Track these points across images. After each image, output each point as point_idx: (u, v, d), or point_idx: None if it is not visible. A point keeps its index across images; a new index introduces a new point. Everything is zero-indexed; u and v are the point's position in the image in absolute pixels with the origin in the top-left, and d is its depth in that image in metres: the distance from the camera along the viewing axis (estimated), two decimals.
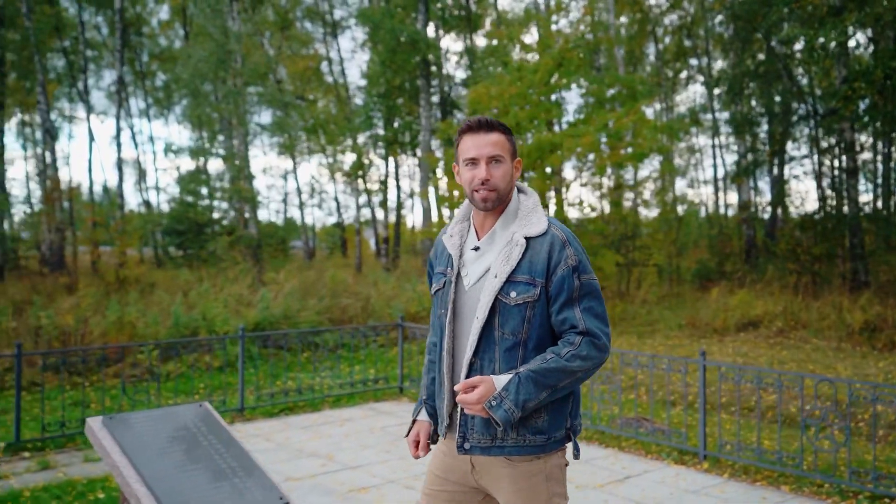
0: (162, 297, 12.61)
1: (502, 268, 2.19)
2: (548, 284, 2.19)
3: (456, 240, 2.34)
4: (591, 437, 6.67)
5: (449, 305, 2.28)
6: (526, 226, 2.25)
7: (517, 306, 2.17)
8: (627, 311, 13.37)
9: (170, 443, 3.66)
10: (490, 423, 2.17)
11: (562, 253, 2.19)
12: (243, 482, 3.54)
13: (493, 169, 2.21)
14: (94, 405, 7.99)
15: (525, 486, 2.20)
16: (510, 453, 2.18)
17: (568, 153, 12.93)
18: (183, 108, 35.39)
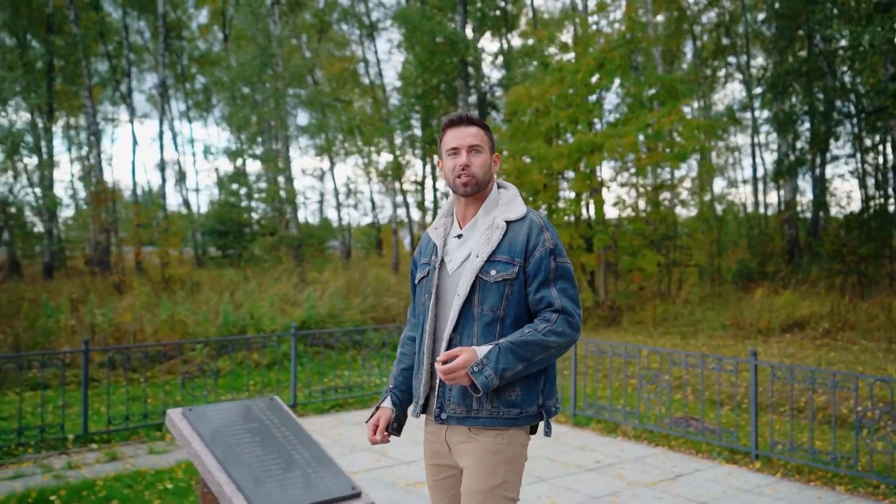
0: (209, 296, 12.92)
1: (483, 248, 2.34)
2: (525, 265, 2.33)
3: (440, 231, 2.51)
4: (640, 436, 6.71)
5: (433, 290, 2.41)
6: (506, 211, 2.41)
7: (496, 283, 2.31)
8: (669, 312, 13.31)
9: (246, 434, 3.82)
10: (467, 394, 2.31)
11: (539, 236, 2.35)
12: (316, 472, 3.68)
13: (472, 157, 2.39)
14: (150, 400, 8.24)
15: (484, 462, 2.31)
16: (484, 424, 2.30)
17: (609, 153, 12.93)
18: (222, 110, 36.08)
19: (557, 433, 6.94)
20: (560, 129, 13.70)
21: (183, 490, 5.21)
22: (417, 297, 2.53)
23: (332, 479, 3.67)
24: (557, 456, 6.19)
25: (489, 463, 2.31)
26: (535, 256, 2.33)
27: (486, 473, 2.31)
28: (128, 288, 14.59)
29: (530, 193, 14.23)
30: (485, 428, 2.32)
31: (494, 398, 2.29)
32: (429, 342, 2.42)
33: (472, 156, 2.39)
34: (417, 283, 2.53)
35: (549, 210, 14.58)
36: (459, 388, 2.32)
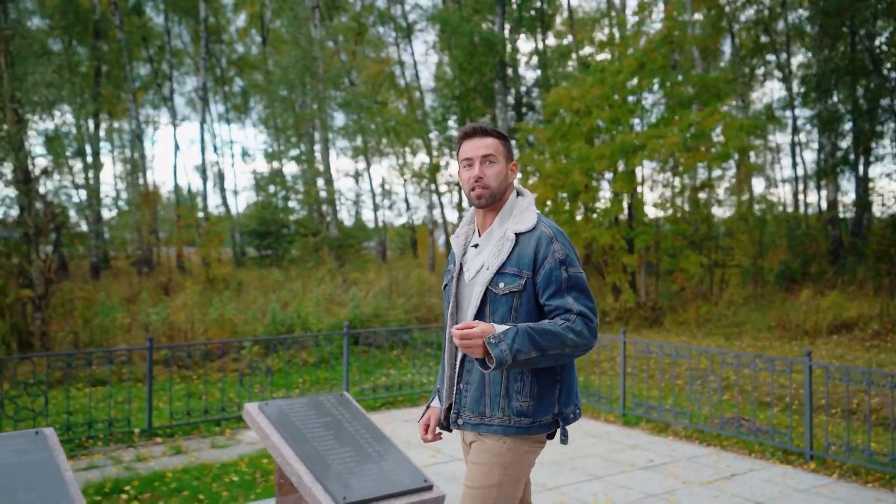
0: (254, 296, 13.19)
1: (493, 261, 2.37)
2: (535, 277, 2.35)
3: (461, 239, 2.55)
4: (691, 436, 6.74)
5: (452, 298, 2.48)
6: (518, 223, 2.41)
7: (504, 296, 2.34)
8: (712, 313, 13.24)
9: (320, 427, 3.98)
10: (480, 401, 2.36)
11: (549, 247, 2.35)
12: (389, 465, 3.82)
13: (486, 168, 2.41)
14: (204, 397, 8.47)
15: (482, 462, 2.37)
16: (495, 431, 2.35)
17: (652, 154, 12.90)
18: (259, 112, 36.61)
19: (608, 432, 7.01)
20: (601, 129, 13.70)
21: (248, 483, 5.39)
22: (444, 301, 2.60)
23: (405, 472, 3.80)
24: (609, 454, 6.26)
25: (487, 463, 2.37)
26: (545, 268, 2.34)
27: (483, 472, 2.37)
28: (175, 288, 14.95)
29: (571, 194, 14.26)
30: (494, 434, 2.37)
31: (506, 406, 2.34)
32: (450, 348, 2.49)
33: (485, 167, 2.41)
34: (444, 289, 2.60)
35: (590, 211, 14.58)
36: (473, 395, 2.38)
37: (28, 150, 11.03)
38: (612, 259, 14.02)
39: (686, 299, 14.89)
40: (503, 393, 2.35)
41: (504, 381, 2.34)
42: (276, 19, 32.41)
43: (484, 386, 2.36)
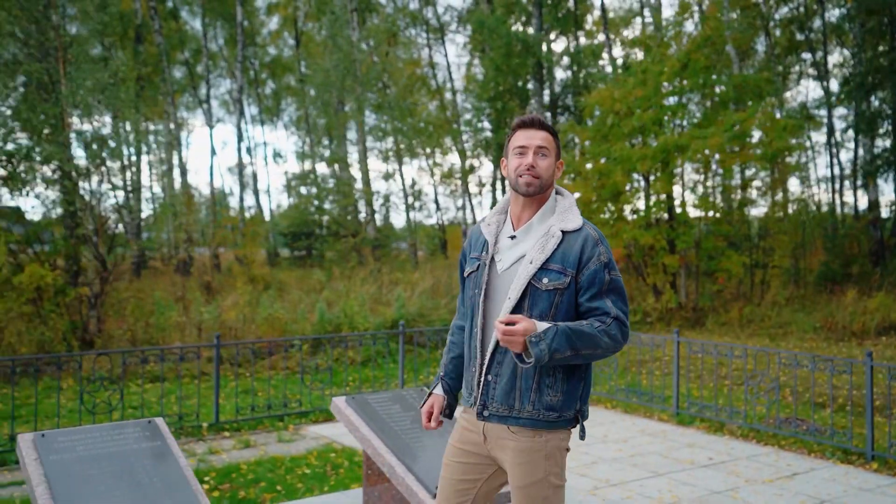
0: (297, 295, 13.44)
1: (538, 255, 2.37)
2: (578, 276, 2.38)
3: (493, 228, 2.53)
4: (747, 435, 6.79)
5: (483, 286, 2.45)
6: (563, 221, 2.43)
7: (547, 292, 2.35)
8: (755, 314, 13.20)
9: (407, 420, 4.13)
10: (510, 394, 2.37)
11: (594, 249, 2.39)
12: None
13: (539, 159, 2.43)
14: (260, 393, 8.69)
15: (525, 461, 2.38)
16: (524, 424, 2.36)
17: (695, 154, 12.91)
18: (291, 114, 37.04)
19: (663, 430, 7.08)
20: (643, 130, 13.74)
21: (320, 475, 5.56)
22: (466, 290, 2.57)
23: None
24: (668, 452, 6.34)
25: (530, 461, 2.38)
26: (589, 269, 2.37)
27: (528, 470, 2.38)
28: (216, 288, 15.27)
29: (612, 195, 14.30)
30: (524, 428, 2.38)
31: (536, 400, 2.36)
32: (479, 336, 2.46)
33: (538, 157, 2.43)
34: (467, 277, 2.57)
35: (631, 211, 14.61)
36: (503, 387, 2.38)
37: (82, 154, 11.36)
38: (652, 259, 14.04)
39: (725, 300, 14.85)
40: (535, 387, 2.37)
41: (537, 375, 2.36)
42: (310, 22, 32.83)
43: (515, 379, 2.37)
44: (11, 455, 5.86)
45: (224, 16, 30.25)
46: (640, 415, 7.77)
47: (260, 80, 36.57)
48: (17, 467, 5.80)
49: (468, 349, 2.52)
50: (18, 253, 10.70)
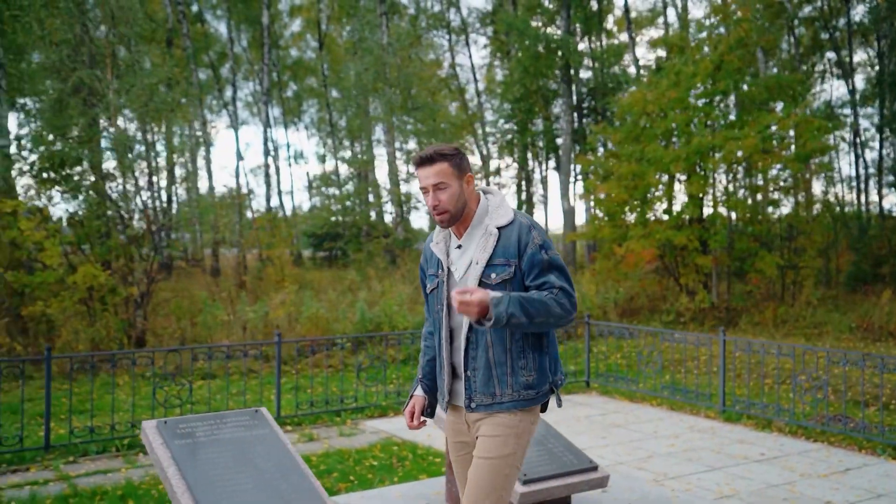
0: (331, 295, 13.69)
1: (481, 255, 2.55)
2: (520, 263, 2.54)
3: (442, 245, 2.69)
4: (796, 432, 6.93)
5: (444, 301, 2.63)
6: (496, 218, 2.60)
7: (497, 285, 2.51)
8: (789, 314, 13.29)
9: None
10: (489, 382, 2.54)
11: (528, 235, 2.55)
12: (555, 447, 4.15)
13: (440, 195, 2.56)
14: (308, 390, 8.92)
15: (499, 434, 2.54)
16: (509, 408, 2.54)
17: (729, 156, 13.02)
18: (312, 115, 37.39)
19: (711, 427, 7.24)
20: (675, 131, 13.86)
21: (387, 467, 5.78)
22: (431, 304, 2.75)
23: (571, 454, 4.14)
24: (719, 448, 6.50)
25: (502, 435, 2.54)
26: (527, 253, 2.53)
27: (498, 443, 2.53)
28: (251, 287, 15.59)
29: (644, 195, 14.44)
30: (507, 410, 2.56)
31: (514, 383, 2.54)
32: (447, 346, 2.64)
33: (439, 194, 2.55)
34: (430, 293, 2.73)
35: (664, 212, 14.73)
36: (482, 380, 2.55)
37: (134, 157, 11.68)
38: (684, 260, 14.16)
39: (756, 300, 14.93)
40: (509, 371, 2.53)
41: (509, 359, 2.53)
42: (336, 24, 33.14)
43: (490, 368, 2.53)
44: (105, 444, 6.13)
45: (248, 19, 30.61)
46: (686, 412, 7.92)
47: (283, 82, 36.94)
48: (97, 456, 6.07)
49: (438, 357, 2.70)
50: (70, 254, 11.03)
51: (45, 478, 5.49)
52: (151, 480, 5.41)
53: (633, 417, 7.69)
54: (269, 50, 27.60)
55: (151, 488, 5.22)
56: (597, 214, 15.48)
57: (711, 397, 7.88)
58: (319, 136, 35.43)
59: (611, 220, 14.87)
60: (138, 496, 5.04)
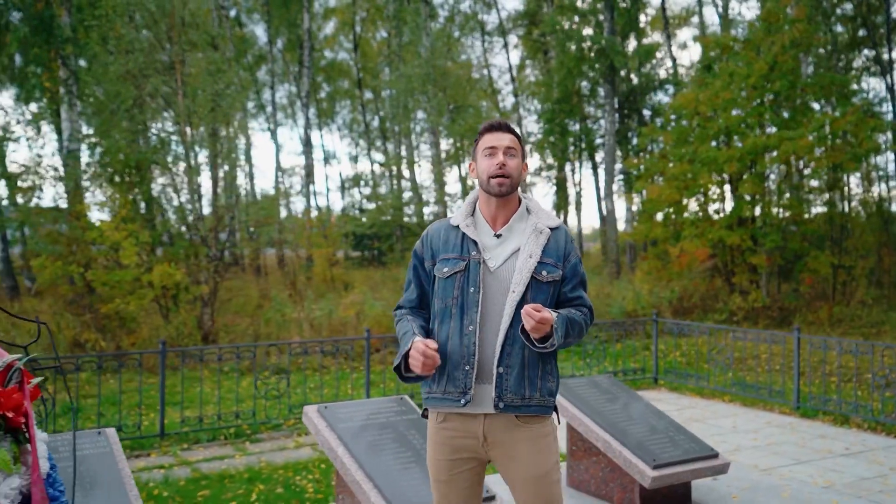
0: (385, 294, 13.99)
1: (535, 250, 2.49)
2: (563, 268, 2.54)
3: (473, 229, 2.55)
4: (875, 428, 7.05)
5: (480, 284, 2.47)
6: (544, 219, 2.58)
7: (547, 283, 2.48)
8: (844, 313, 13.32)
9: (607, 403, 4.56)
10: (521, 383, 2.43)
11: (571, 245, 2.58)
12: (676, 435, 4.37)
13: (508, 159, 2.52)
14: (380, 385, 9.19)
15: (542, 446, 2.47)
16: (535, 412, 2.45)
17: (784, 156, 13.10)
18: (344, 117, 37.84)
19: (789, 423, 7.38)
20: (728, 132, 13.96)
21: None
22: (444, 289, 2.52)
23: (691, 442, 4.35)
24: (802, 443, 6.65)
25: (545, 448, 2.47)
26: (570, 262, 2.55)
27: (544, 457, 2.46)
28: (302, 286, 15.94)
29: (694, 196, 14.56)
30: (534, 416, 2.47)
31: (542, 387, 2.47)
32: (479, 334, 2.44)
33: (507, 157, 2.52)
34: (446, 277, 2.52)
35: (716, 212, 14.82)
36: (516, 378, 2.43)
37: (199, 162, 12.06)
38: (736, 259, 14.24)
39: (808, 299, 14.95)
40: (540, 374, 2.46)
41: (540, 363, 2.46)
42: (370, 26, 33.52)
43: (524, 369, 2.44)
44: (208, 433, 6.46)
45: (287, 22, 31.06)
46: (759, 408, 8.07)
47: (317, 83, 37.42)
48: (208, 444, 6.39)
49: (458, 347, 2.45)
50: (145, 254, 11.44)
51: (168, 462, 5.82)
52: (267, 467, 5.71)
53: (709, 413, 7.85)
54: (310, 52, 28.03)
55: (272, 473, 5.52)
56: (647, 215, 15.61)
57: (787, 394, 8.01)
58: (352, 136, 35.93)
59: (662, 220, 15.01)
60: (263, 479, 5.34)
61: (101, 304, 11.01)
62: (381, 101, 30.41)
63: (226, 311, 12.90)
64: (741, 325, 13.62)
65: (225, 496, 4.94)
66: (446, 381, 2.45)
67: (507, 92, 31.91)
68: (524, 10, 28.55)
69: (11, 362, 2.02)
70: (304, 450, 6.25)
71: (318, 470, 5.58)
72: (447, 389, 2.45)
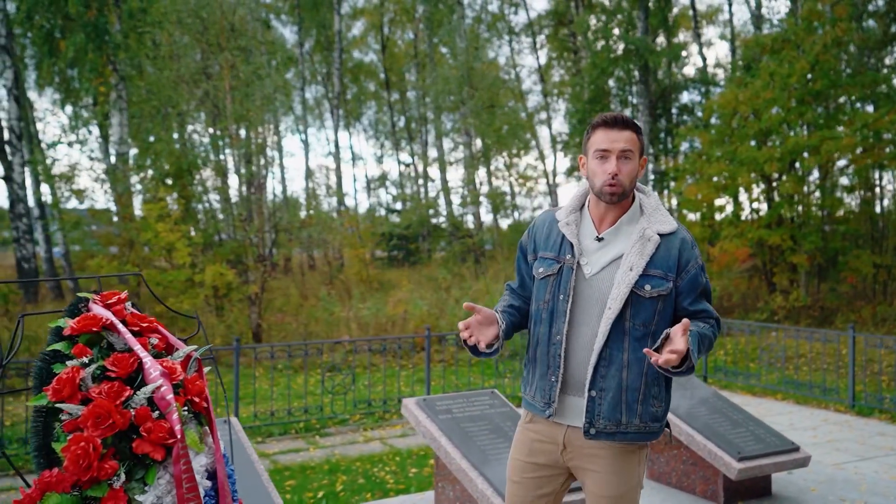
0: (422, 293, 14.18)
1: (637, 261, 2.24)
2: (678, 280, 2.27)
3: (573, 228, 2.34)
4: None
5: (571, 292, 2.27)
6: (656, 223, 2.30)
7: (651, 299, 2.23)
8: (887, 312, 13.28)
9: (684, 396, 4.68)
10: (617, 408, 2.23)
11: (692, 252, 2.29)
12: (756, 430, 4.49)
13: (622, 164, 2.26)
14: (433, 382, 9.36)
15: (623, 468, 2.27)
16: (633, 439, 2.26)
17: (826, 155, 13.09)
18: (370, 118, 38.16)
19: (845, 421, 7.45)
20: (768, 131, 13.97)
21: None
22: (540, 291, 2.36)
23: (773, 436, 4.47)
24: (863, 440, 6.72)
25: (626, 470, 2.29)
26: (690, 273, 2.28)
27: (624, 478, 2.28)
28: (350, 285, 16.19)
29: (733, 195, 14.57)
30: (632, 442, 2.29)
31: (643, 412, 2.26)
32: (564, 345, 2.28)
33: (621, 163, 2.27)
34: (542, 279, 2.35)
35: (754, 211, 14.83)
36: (610, 402, 2.24)
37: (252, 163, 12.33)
38: (780, 259, 14.25)
39: (848, 299, 14.90)
40: (641, 399, 2.25)
41: (643, 386, 2.25)
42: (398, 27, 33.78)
43: (621, 392, 2.23)
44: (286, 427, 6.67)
45: (317, 24, 31.38)
46: (812, 406, 8.13)
47: (344, 84, 37.72)
48: (280, 437, 6.60)
49: (545, 355, 2.32)
50: (197, 255, 11.73)
51: None
52: (343, 459, 5.91)
53: (763, 410, 7.93)
54: (340, 54, 28.32)
55: (350, 465, 5.72)
56: (685, 215, 15.64)
57: (841, 391, 8.07)
58: (377, 137, 36.22)
59: (701, 220, 15.04)
60: (342, 471, 5.53)
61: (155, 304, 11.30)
62: (407, 102, 30.66)
63: (271, 310, 13.17)
64: (783, 324, 13.62)
65: (311, 486, 5.14)
66: (536, 387, 2.36)
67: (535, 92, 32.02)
68: (552, 9, 28.65)
69: (190, 353, 2.21)
70: (374, 444, 6.45)
71: (393, 462, 5.76)
72: (535, 396, 2.35)
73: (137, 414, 1.93)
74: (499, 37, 27.54)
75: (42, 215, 15.83)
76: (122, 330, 2.08)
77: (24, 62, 15.64)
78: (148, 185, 12.29)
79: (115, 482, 1.85)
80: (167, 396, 1.98)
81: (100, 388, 1.93)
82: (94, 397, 1.91)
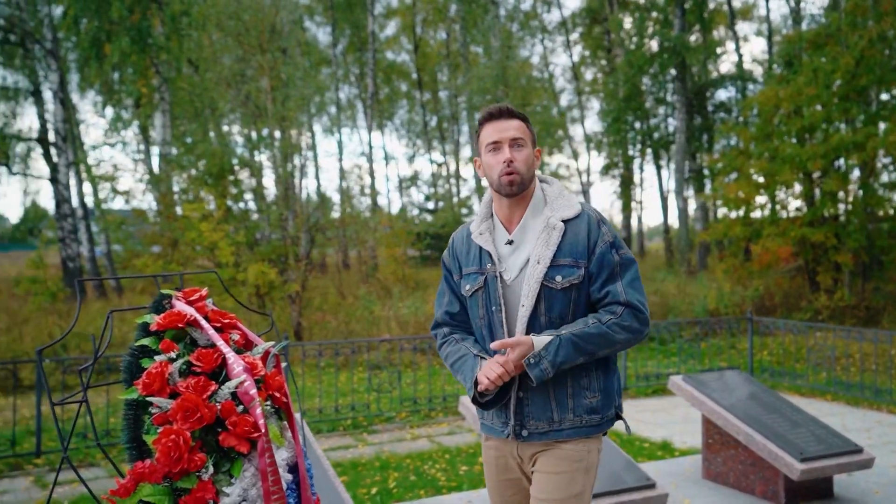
0: None
1: (544, 252, 2.15)
2: (588, 264, 2.16)
3: (486, 236, 2.27)
4: None
5: (501, 301, 2.19)
6: (558, 209, 2.22)
7: (563, 290, 2.14)
8: None
9: (743, 396, 4.62)
10: (546, 406, 2.16)
11: (598, 231, 2.18)
12: (816, 431, 4.40)
13: (515, 152, 2.19)
14: None
15: (564, 471, 2.16)
16: (569, 436, 2.16)
17: (872, 151, 12.80)
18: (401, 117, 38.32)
19: (880, 419, 7.29)
20: (811, 128, 13.71)
21: None
22: (474, 307, 2.27)
23: (835, 437, 4.39)
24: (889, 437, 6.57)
25: (569, 471, 2.16)
26: (596, 253, 2.16)
27: (565, 481, 2.14)
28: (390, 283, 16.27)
29: (774, 193, 14.33)
30: (568, 439, 2.18)
31: (576, 406, 2.16)
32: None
33: (514, 150, 2.20)
34: (471, 295, 2.27)
35: (795, 210, 14.56)
36: (537, 402, 2.16)
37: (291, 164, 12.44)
38: (824, 258, 13.98)
39: (894, 298, 14.57)
40: (570, 393, 2.16)
41: (570, 379, 2.16)
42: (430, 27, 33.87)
43: (548, 389, 2.15)
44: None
45: (350, 24, 31.61)
46: (864, 407, 7.96)
47: (377, 84, 37.92)
48: (329, 434, 6.65)
49: None
50: (240, 253, 11.88)
51: None
52: (393, 456, 5.94)
53: (814, 411, 7.78)
54: (374, 55, 28.47)
55: (400, 462, 5.74)
56: (726, 213, 15.43)
57: (893, 392, 7.89)
58: (409, 136, 36.35)
59: (742, 218, 14.81)
60: (393, 467, 5.56)
61: None
62: (438, 101, 30.73)
63: (310, 308, 13.28)
64: (828, 323, 13.36)
65: (363, 482, 5.18)
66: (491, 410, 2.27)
67: (568, 91, 31.90)
68: (585, 7, 28.48)
69: (268, 349, 2.24)
70: (422, 441, 6.46)
71: (442, 460, 5.77)
72: (493, 419, 2.26)
73: (223, 408, 1.95)
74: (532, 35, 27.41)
75: (86, 215, 16.17)
76: (205, 326, 2.11)
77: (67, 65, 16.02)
78: (190, 186, 12.48)
79: (203, 474, 1.88)
80: (250, 391, 2.00)
81: (187, 383, 1.96)
82: (181, 391, 1.94)
